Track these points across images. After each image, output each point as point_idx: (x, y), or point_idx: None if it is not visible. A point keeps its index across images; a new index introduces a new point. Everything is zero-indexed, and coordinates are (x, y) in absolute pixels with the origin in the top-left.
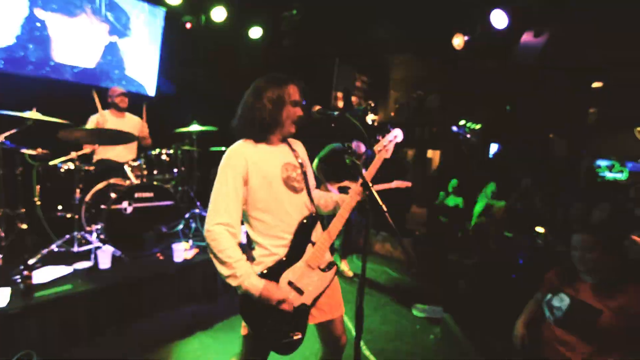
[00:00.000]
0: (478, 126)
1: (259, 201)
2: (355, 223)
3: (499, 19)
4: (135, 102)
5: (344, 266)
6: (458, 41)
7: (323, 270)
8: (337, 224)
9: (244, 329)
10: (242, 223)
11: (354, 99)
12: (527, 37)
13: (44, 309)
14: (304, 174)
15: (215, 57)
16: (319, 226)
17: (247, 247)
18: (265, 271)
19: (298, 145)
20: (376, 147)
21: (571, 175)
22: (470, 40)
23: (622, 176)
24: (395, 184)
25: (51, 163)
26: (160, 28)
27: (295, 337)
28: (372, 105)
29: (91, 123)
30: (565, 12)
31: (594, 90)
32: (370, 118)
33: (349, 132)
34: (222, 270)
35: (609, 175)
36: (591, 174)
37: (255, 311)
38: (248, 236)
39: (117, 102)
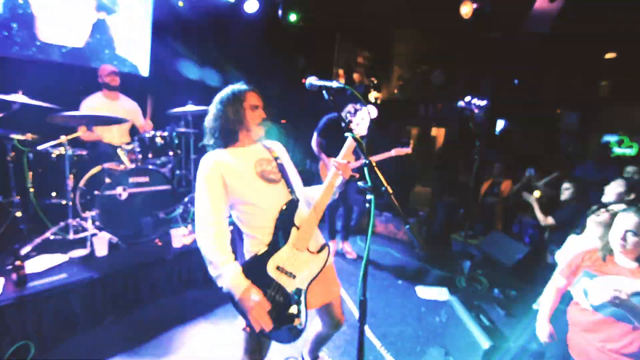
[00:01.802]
0: (483, 102)
1: (240, 197)
2: (356, 204)
3: None
4: (128, 83)
5: (347, 247)
6: (466, 9)
7: (312, 252)
8: (320, 202)
9: (241, 322)
10: (231, 218)
11: (355, 75)
12: (541, 2)
13: (39, 299)
14: (280, 166)
15: (210, 34)
16: (303, 211)
17: (238, 238)
18: (250, 260)
19: (274, 144)
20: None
21: (581, 151)
22: (479, 7)
23: (631, 151)
24: (395, 151)
25: (40, 147)
26: (151, 3)
27: (295, 324)
28: (375, 82)
29: (84, 107)
30: None
31: (607, 61)
32: (373, 96)
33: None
34: (211, 270)
35: (618, 150)
36: (604, 150)
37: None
38: (239, 231)
39: (108, 82)
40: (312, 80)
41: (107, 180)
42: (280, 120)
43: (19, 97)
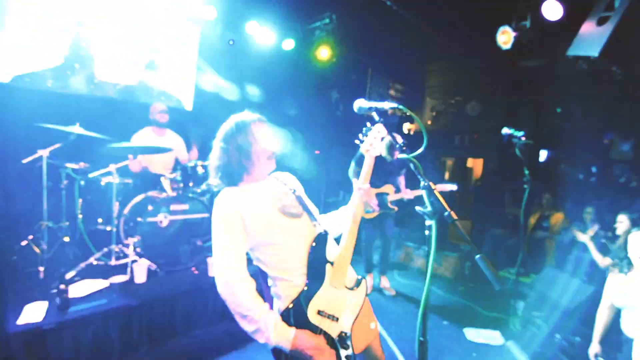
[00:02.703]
0: (521, 133)
1: (263, 240)
2: (392, 236)
3: (552, 9)
4: (173, 117)
5: (385, 282)
6: (504, 38)
7: (351, 289)
8: (349, 236)
9: None
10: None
11: (388, 109)
12: (587, 27)
13: (79, 325)
14: (299, 198)
15: (252, 69)
16: (333, 243)
17: (264, 285)
18: (290, 306)
19: (286, 176)
20: (362, 147)
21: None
22: (518, 35)
23: None
24: (440, 187)
25: (91, 175)
26: (197, 44)
27: None
28: (407, 114)
29: (134, 141)
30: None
31: None
32: (406, 127)
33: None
34: (246, 326)
35: None
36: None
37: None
38: (264, 275)
39: (158, 119)
40: (360, 103)
41: (150, 207)
42: (314, 151)
43: (76, 129)
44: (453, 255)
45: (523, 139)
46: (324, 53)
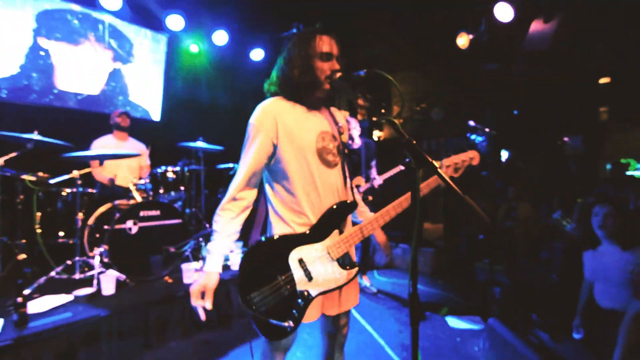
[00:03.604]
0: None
1: (286, 170)
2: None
3: (504, 12)
4: (140, 128)
5: (366, 281)
6: (462, 40)
7: (342, 266)
8: (375, 221)
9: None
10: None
11: (359, 116)
12: (536, 25)
13: (40, 340)
14: (342, 147)
15: (220, 79)
16: (349, 219)
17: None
18: (277, 238)
19: (341, 116)
20: (445, 161)
21: (590, 174)
22: (475, 38)
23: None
24: (387, 174)
25: (53, 181)
26: (164, 53)
27: (285, 324)
28: (382, 111)
29: (95, 146)
30: (570, 3)
31: (603, 86)
32: (376, 135)
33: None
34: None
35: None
36: (619, 168)
37: (253, 270)
38: (268, 200)
39: (119, 122)
40: (339, 79)
41: (117, 215)
42: None
43: (34, 136)
44: (429, 250)
45: (487, 130)
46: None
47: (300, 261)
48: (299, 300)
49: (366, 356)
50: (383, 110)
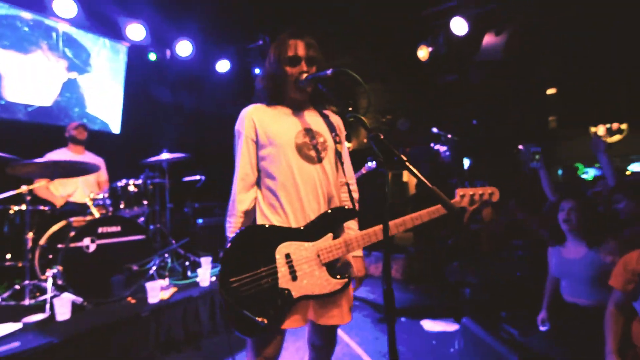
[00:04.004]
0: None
1: (267, 167)
2: None
3: (459, 26)
4: (99, 140)
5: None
6: (423, 53)
7: (331, 273)
8: (373, 235)
9: None
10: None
11: None
12: (489, 38)
13: None
14: (328, 144)
15: (184, 90)
16: (352, 225)
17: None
18: (267, 225)
19: (336, 117)
20: (459, 191)
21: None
22: (433, 50)
23: (588, 176)
24: (364, 169)
25: None
26: (124, 63)
27: (258, 319)
28: (349, 109)
29: (46, 159)
30: (518, 19)
31: (550, 97)
32: (345, 146)
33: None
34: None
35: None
36: (570, 172)
37: (236, 256)
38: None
39: (75, 135)
40: (305, 80)
41: (72, 233)
42: None
43: None
44: (400, 256)
45: (449, 136)
46: (258, 72)
47: (287, 256)
48: (278, 299)
49: None
50: (350, 109)
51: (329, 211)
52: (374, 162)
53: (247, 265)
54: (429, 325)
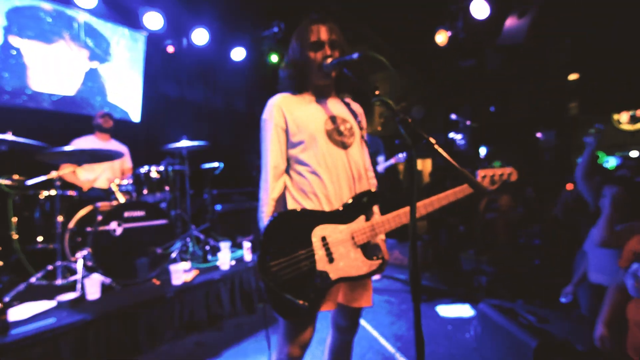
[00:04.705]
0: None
1: (298, 154)
2: None
3: (480, 9)
4: (120, 129)
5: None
6: (441, 38)
7: (366, 255)
8: (405, 215)
9: None
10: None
11: None
12: (511, 21)
13: (23, 346)
14: (355, 130)
15: (201, 78)
16: (376, 210)
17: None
18: (301, 210)
19: (356, 105)
20: (481, 172)
21: (564, 165)
22: (453, 35)
23: (610, 165)
24: (394, 159)
25: (30, 182)
26: (142, 52)
27: (299, 302)
28: (376, 92)
29: (74, 146)
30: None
31: (572, 82)
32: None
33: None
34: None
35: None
36: (594, 159)
37: (274, 239)
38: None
39: (101, 123)
40: (330, 64)
41: (99, 218)
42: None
43: (8, 137)
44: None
45: (468, 123)
46: (274, 59)
47: (323, 239)
48: (317, 280)
49: (361, 347)
50: (377, 92)
51: (361, 194)
52: (404, 154)
53: (285, 249)
54: (445, 310)
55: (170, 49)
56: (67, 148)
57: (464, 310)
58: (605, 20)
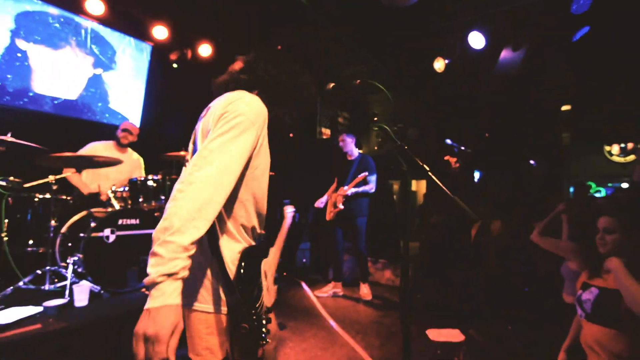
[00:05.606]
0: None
1: (251, 180)
2: (341, 246)
3: (476, 40)
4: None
5: (366, 290)
6: (439, 65)
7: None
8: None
9: None
10: None
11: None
12: (506, 53)
13: (5, 352)
14: None
15: (203, 91)
16: None
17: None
18: (249, 248)
19: None
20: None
21: (555, 194)
22: (450, 62)
23: (600, 195)
24: (361, 176)
25: (26, 185)
26: (147, 62)
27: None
28: (374, 119)
29: (89, 148)
30: (534, 34)
31: (564, 113)
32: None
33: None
34: (158, 249)
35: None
36: (581, 190)
37: (250, 280)
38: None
39: (120, 137)
40: (332, 89)
41: (93, 224)
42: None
43: (7, 138)
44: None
45: (462, 148)
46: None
47: (265, 274)
48: (266, 315)
49: None
50: (375, 119)
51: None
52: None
53: (256, 290)
54: (434, 334)
55: (174, 56)
56: (67, 154)
57: (453, 335)
58: (599, 52)
